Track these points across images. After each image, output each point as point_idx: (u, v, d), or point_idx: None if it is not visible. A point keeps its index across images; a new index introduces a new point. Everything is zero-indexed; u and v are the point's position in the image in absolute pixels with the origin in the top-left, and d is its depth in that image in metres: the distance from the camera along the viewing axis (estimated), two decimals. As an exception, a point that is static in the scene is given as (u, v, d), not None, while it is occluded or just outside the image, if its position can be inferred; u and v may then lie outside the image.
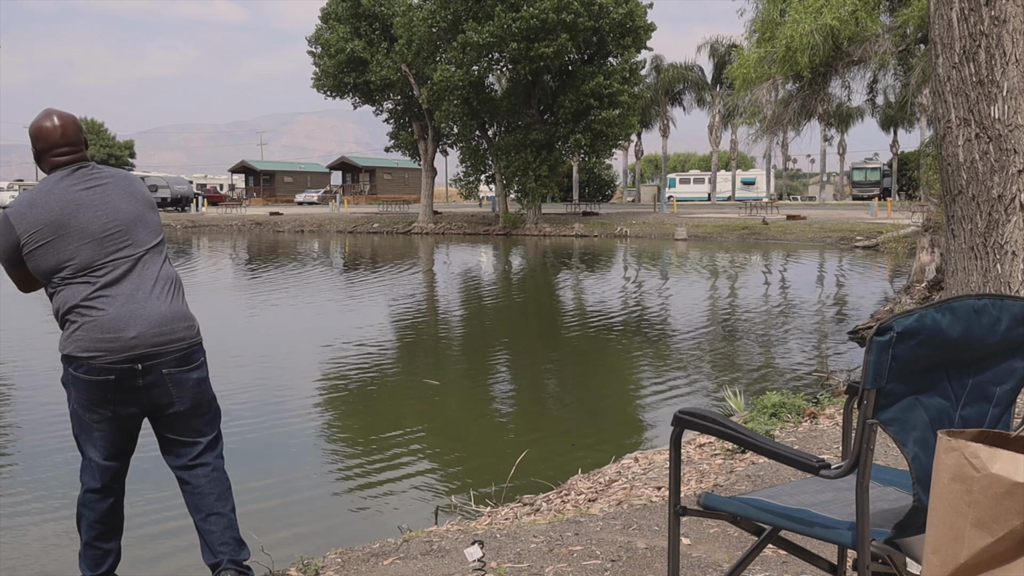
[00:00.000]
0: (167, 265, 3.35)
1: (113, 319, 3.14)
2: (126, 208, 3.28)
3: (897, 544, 2.19)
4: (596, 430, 8.87)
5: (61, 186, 3.23)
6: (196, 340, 3.32)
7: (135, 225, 3.28)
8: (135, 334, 3.15)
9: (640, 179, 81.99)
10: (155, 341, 3.18)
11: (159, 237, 3.37)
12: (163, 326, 3.20)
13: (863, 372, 2.11)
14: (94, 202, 3.23)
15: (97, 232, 3.20)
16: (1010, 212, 6.93)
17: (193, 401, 3.32)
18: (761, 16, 19.24)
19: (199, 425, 3.39)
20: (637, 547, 3.90)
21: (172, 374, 3.23)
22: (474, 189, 52.88)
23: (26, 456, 7.90)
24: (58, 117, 3.30)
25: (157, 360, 3.19)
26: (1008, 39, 6.84)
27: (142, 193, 3.39)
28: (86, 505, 3.40)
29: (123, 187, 3.33)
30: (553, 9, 38.40)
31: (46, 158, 3.28)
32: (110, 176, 3.32)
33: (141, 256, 3.26)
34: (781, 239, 37.34)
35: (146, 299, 3.20)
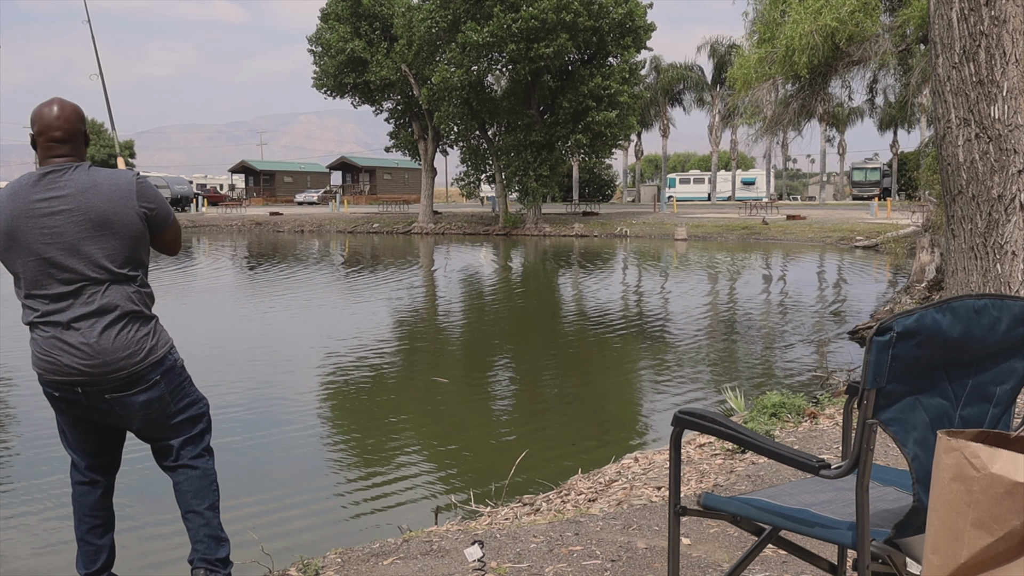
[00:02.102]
0: (119, 295, 3.11)
1: (51, 345, 3.10)
2: (72, 232, 3.05)
3: (897, 544, 2.19)
4: (596, 430, 8.87)
5: (23, 191, 3.11)
6: (140, 365, 3.14)
7: (80, 251, 3.06)
8: (68, 363, 3.08)
9: (640, 179, 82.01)
10: (90, 373, 3.08)
11: (116, 265, 3.11)
12: (97, 358, 3.07)
13: (863, 372, 2.11)
14: (43, 219, 3.06)
15: (40, 252, 3.07)
16: (1010, 212, 6.93)
17: (144, 421, 3.25)
18: (762, 16, 19.24)
19: (166, 434, 3.35)
20: (637, 547, 3.90)
21: (116, 398, 3.15)
22: (474, 189, 52.89)
23: (25, 457, 7.90)
24: (59, 105, 3.19)
25: (96, 387, 3.11)
26: (1008, 39, 6.84)
27: (113, 213, 3.10)
28: (75, 499, 3.41)
29: (86, 205, 3.07)
30: (553, 9, 38.40)
31: (39, 143, 3.17)
32: (81, 188, 3.08)
33: (83, 286, 3.09)
34: (781, 239, 37.34)
35: (83, 331, 3.07)
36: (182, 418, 3.35)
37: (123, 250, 3.12)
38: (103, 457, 3.41)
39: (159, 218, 3.25)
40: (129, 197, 3.14)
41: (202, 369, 11.53)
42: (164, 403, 3.24)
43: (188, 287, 23.21)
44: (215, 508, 3.41)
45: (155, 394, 3.20)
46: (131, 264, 3.16)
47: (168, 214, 3.31)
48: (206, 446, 3.46)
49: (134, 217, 3.14)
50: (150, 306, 3.25)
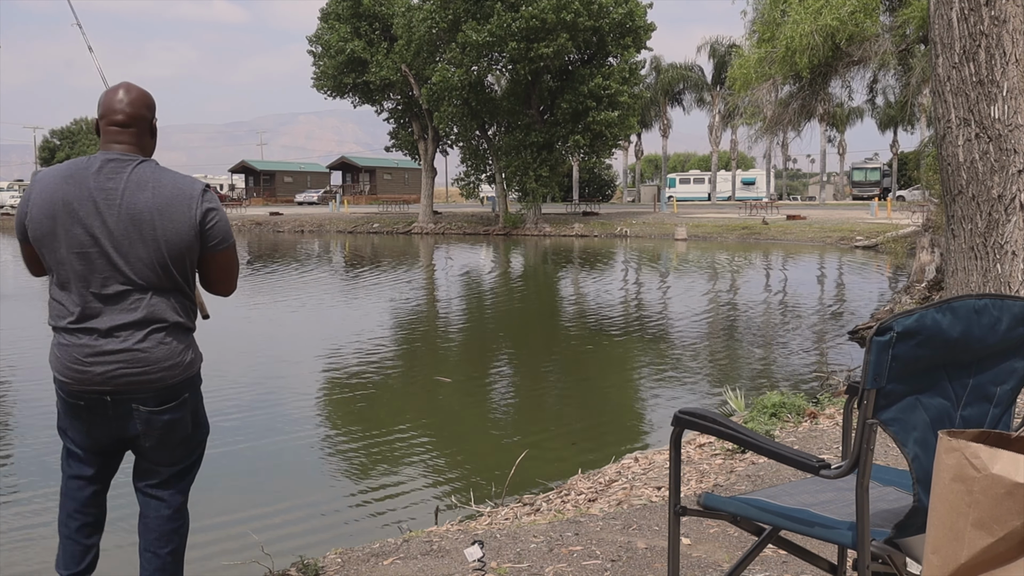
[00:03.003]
0: (163, 304, 2.90)
1: (84, 354, 2.87)
2: (123, 230, 2.82)
3: (897, 544, 2.19)
4: (596, 430, 8.87)
5: (82, 175, 2.86)
6: (174, 382, 2.94)
7: (128, 252, 2.83)
8: (102, 371, 2.86)
9: (640, 179, 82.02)
10: (124, 381, 2.87)
11: (163, 273, 2.88)
12: (137, 365, 2.86)
13: (863, 372, 2.11)
14: (89, 210, 2.82)
15: (85, 247, 2.83)
16: (1010, 212, 6.93)
17: (159, 440, 3.01)
18: (762, 16, 19.25)
19: (165, 458, 3.08)
20: (637, 547, 3.89)
21: (142, 412, 2.94)
22: (474, 189, 52.91)
23: (25, 458, 7.91)
24: (126, 88, 2.95)
25: (127, 396, 2.90)
26: (1008, 39, 6.84)
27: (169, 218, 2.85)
28: (65, 493, 3.14)
29: (143, 204, 2.83)
30: (553, 9, 38.39)
31: (101, 127, 2.94)
32: (140, 185, 2.85)
33: (127, 291, 2.86)
34: (781, 239, 37.34)
35: (124, 339, 2.85)
36: (185, 450, 3.10)
37: (172, 258, 2.87)
38: (106, 457, 3.16)
39: (214, 235, 2.95)
40: (188, 205, 2.87)
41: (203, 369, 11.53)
42: (185, 424, 3.03)
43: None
44: (177, 555, 3.10)
45: (178, 415, 2.99)
46: (181, 272, 2.91)
47: (226, 236, 2.99)
48: (190, 480, 3.18)
49: (188, 226, 2.88)
50: (192, 317, 3.03)
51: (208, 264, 3.00)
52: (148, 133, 2.97)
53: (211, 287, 3.10)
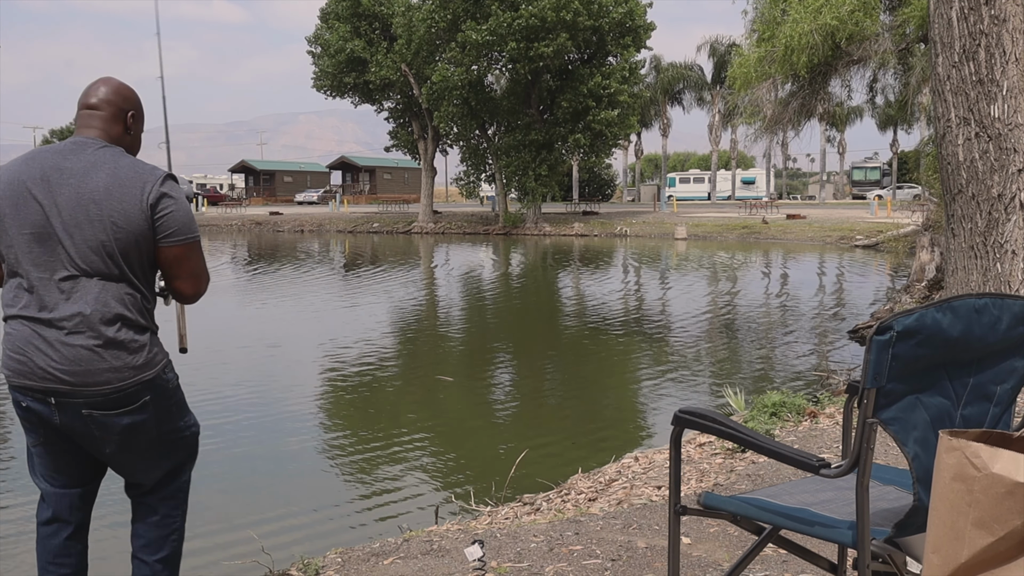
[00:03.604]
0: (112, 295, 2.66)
1: (25, 342, 2.65)
2: (72, 211, 2.63)
3: (897, 543, 2.19)
4: (596, 429, 8.87)
5: (42, 156, 2.73)
6: (123, 385, 2.65)
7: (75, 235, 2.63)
8: (43, 365, 2.62)
9: (640, 178, 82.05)
10: (67, 381, 2.61)
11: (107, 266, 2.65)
12: (78, 365, 2.61)
13: (863, 371, 2.11)
14: (41, 189, 2.66)
15: (34, 227, 2.65)
16: (1010, 211, 6.93)
17: (120, 446, 2.74)
18: (762, 16, 19.24)
19: (136, 464, 2.84)
20: (637, 546, 3.89)
21: (95, 416, 2.66)
22: (474, 188, 52.90)
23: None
24: (105, 80, 2.85)
25: (72, 399, 2.64)
26: (1008, 38, 6.84)
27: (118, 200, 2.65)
28: (38, 542, 2.89)
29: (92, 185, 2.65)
30: (552, 8, 38.39)
31: (77, 116, 2.83)
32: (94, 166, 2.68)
33: (73, 276, 2.64)
34: (781, 238, 37.34)
35: (67, 331, 2.62)
36: (163, 449, 2.85)
37: (120, 245, 2.64)
38: (75, 488, 2.89)
39: (167, 225, 2.71)
40: (141, 188, 2.67)
41: (202, 369, 11.53)
42: (148, 428, 2.75)
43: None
44: (169, 563, 2.91)
45: (140, 417, 2.71)
46: (130, 263, 2.68)
47: (181, 228, 2.75)
48: (180, 485, 2.95)
49: (138, 211, 2.66)
50: (147, 315, 2.76)
51: (162, 258, 2.76)
52: (120, 122, 2.82)
53: (169, 285, 2.85)
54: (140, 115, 2.89)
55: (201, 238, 2.90)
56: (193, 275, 2.84)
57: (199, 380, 10.74)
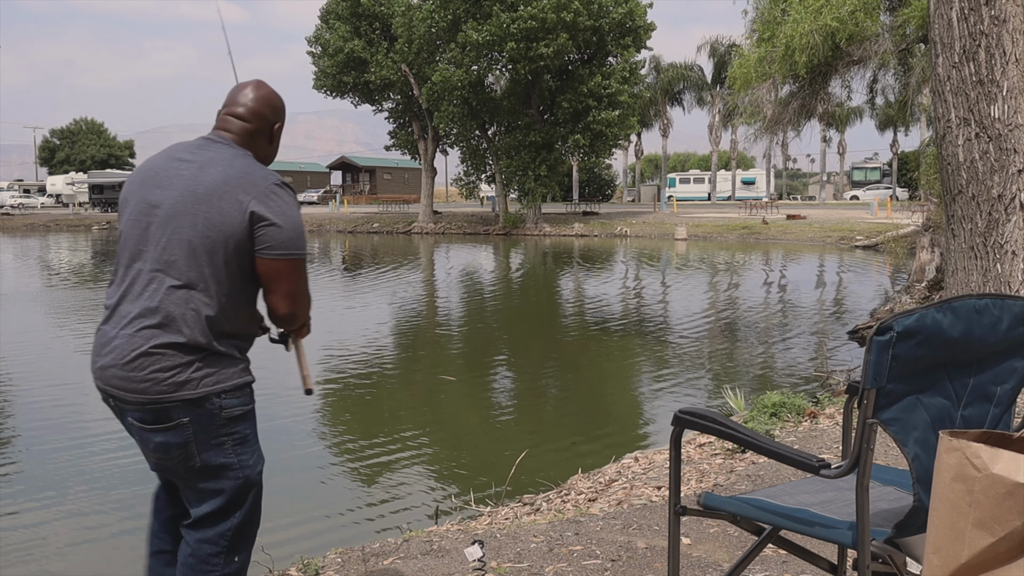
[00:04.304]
0: (181, 302, 2.48)
1: (99, 339, 2.58)
2: (174, 207, 2.51)
3: (897, 544, 2.18)
4: (596, 430, 8.87)
5: (172, 148, 2.68)
6: (162, 398, 2.47)
7: (168, 228, 2.50)
8: (101, 365, 2.54)
9: (640, 179, 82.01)
10: (115, 383, 2.51)
11: (197, 266, 2.49)
12: (126, 369, 2.48)
13: (863, 372, 2.11)
14: (160, 179, 2.58)
15: (140, 213, 2.57)
16: (1010, 212, 6.93)
17: (158, 464, 2.63)
18: (762, 16, 19.24)
19: (187, 491, 2.68)
20: (637, 547, 3.89)
21: (135, 426, 2.56)
22: (474, 189, 52.90)
23: (30, 458, 7.91)
24: (254, 85, 2.74)
25: (122, 404, 2.54)
26: (1008, 39, 6.84)
27: (218, 196, 2.49)
28: (152, 510, 2.86)
29: (198, 179, 2.53)
30: (552, 8, 38.40)
31: (219, 116, 2.73)
32: (208, 162, 2.57)
33: (157, 275, 2.50)
34: (781, 239, 37.34)
35: (124, 329, 2.51)
36: (204, 485, 2.61)
37: (212, 245, 2.48)
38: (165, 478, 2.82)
39: (270, 236, 2.52)
40: (247, 190, 2.51)
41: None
42: (186, 456, 2.54)
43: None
44: None
45: (175, 439, 2.51)
46: (216, 267, 2.50)
47: (285, 242, 2.54)
48: (224, 533, 2.65)
49: (235, 210, 2.48)
50: (217, 330, 2.52)
51: (260, 271, 2.56)
52: (263, 134, 2.72)
53: (264, 299, 2.65)
54: (282, 124, 2.80)
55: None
56: (290, 295, 2.63)
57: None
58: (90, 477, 7.24)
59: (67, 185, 79.40)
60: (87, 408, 9.53)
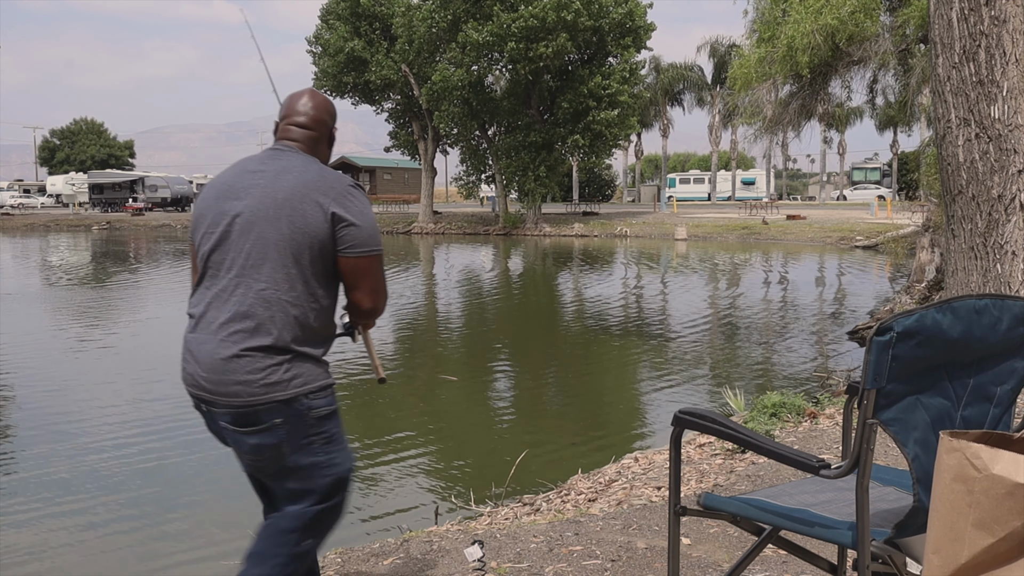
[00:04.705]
0: (267, 304, 2.55)
1: (188, 346, 2.65)
2: (255, 213, 2.59)
3: (897, 544, 2.18)
4: (596, 430, 8.87)
5: (242, 162, 2.78)
6: (260, 400, 2.52)
7: (252, 238, 2.57)
8: (192, 371, 2.61)
9: (640, 179, 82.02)
10: (208, 388, 2.57)
11: (283, 268, 2.56)
12: (218, 373, 2.54)
13: (863, 372, 2.10)
14: (236, 190, 2.66)
15: (218, 226, 2.64)
16: (1010, 212, 6.93)
17: (252, 468, 2.72)
18: (763, 16, 19.24)
19: (279, 491, 2.73)
20: (637, 547, 3.89)
21: (228, 430, 2.61)
22: (474, 189, 52.89)
23: (29, 459, 7.91)
24: (310, 94, 2.85)
25: (214, 408, 2.60)
26: (1008, 39, 6.84)
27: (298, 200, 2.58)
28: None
29: (276, 186, 2.62)
30: (553, 8, 38.40)
31: (279, 127, 2.83)
32: (283, 169, 2.66)
33: (237, 280, 2.58)
34: (781, 239, 37.34)
35: (213, 335, 2.57)
36: (296, 484, 2.66)
37: (298, 247, 2.57)
38: (258, 481, 2.85)
39: (352, 236, 2.62)
40: (326, 193, 2.61)
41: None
42: (279, 455, 2.60)
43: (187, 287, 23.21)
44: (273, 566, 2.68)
45: (269, 440, 2.57)
46: (302, 268, 2.58)
47: (366, 239, 2.65)
48: (306, 514, 2.68)
49: (317, 213, 2.58)
50: (303, 331, 2.59)
51: (343, 269, 2.67)
52: (324, 139, 2.84)
53: (348, 297, 2.76)
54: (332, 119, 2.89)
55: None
56: (373, 290, 2.73)
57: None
58: (89, 478, 7.25)
59: (67, 185, 79.46)
60: (87, 409, 9.54)
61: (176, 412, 9.18)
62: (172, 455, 7.84)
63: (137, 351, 13.61)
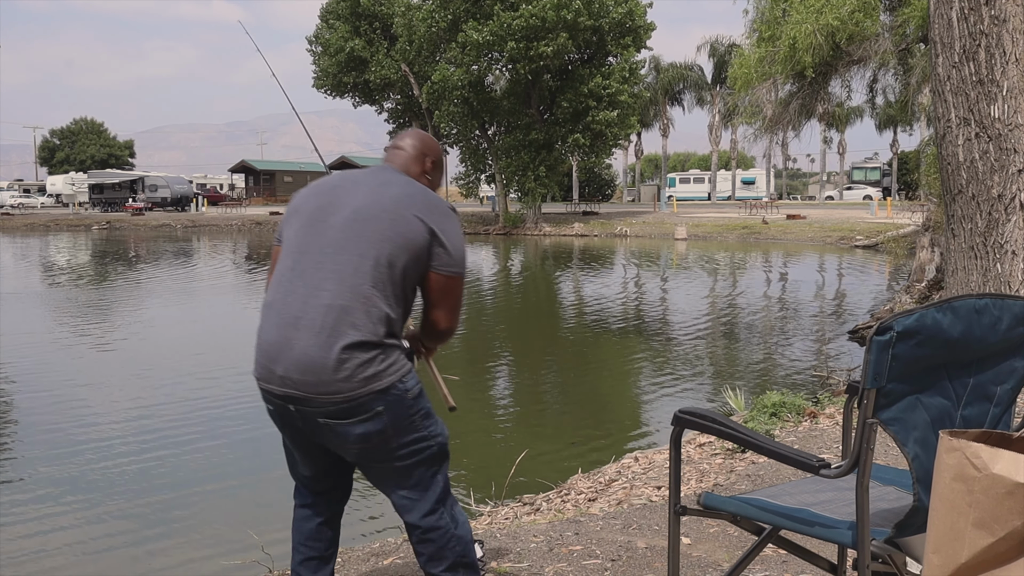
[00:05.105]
0: (361, 297, 2.62)
1: (270, 345, 2.66)
2: (357, 212, 2.69)
3: (897, 544, 2.18)
4: (596, 429, 8.87)
5: (344, 171, 2.94)
6: (362, 392, 2.58)
7: (351, 235, 2.66)
8: (282, 372, 2.62)
9: (640, 179, 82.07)
10: (302, 388, 2.60)
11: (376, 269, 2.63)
12: (309, 374, 2.57)
13: (863, 372, 2.10)
14: (338, 190, 2.79)
15: (316, 217, 2.74)
16: (1010, 211, 6.93)
17: (359, 456, 2.76)
18: (763, 16, 19.24)
19: (388, 477, 2.82)
20: (637, 547, 3.89)
21: (330, 424, 2.65)
22: (474, 188, 52.90)
23: (28, 462, 7.91)
24: (415, 133, 3.04)
25: (309, 408, 2.63)
26: (1008, 38, 6.84)
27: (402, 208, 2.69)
28: (293, 524, 3.00)
29: (377, 192, 2.74)
30: (553, 8, 38.40)
31: (386, 150, 3.03)
32: (384, 182, 2.80)
33: (331, 275, 2.64)
34: (781, 239, 37.34)
35: (302, 331, 2.60)
36: (407, 459, 2.76)
37: (394, 252, 2.65)
38: (325, 480, 2.96)
39: (445, 254, 2.75)
40: (430, 210, 2.73)
41: (205, 368, 11.54)
42: (386, 437, 2.68)
43: (190, 287, 23.20)
44: (459, 568, 2.86)
45: (376, 426, 2.64)
46: (394, 274, 2.66)
47: (458, 260, 2.79)
48: (439, 495, 2.87)
49: (418, 226, 2.68)
50: (391, 326, 2.68)
51: (430, 285, 2.79)
52: (419, 163, 2.96)
53: (427, 314, 2.89)
54: (439, 163, 3.01)
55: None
56: (453, 309, 2.89)
57: (199, 378, 10.76)
58: (90, 479, 7.24)
59: (67, 185, 79.48)
60: (86, 410, 9.54)
61: (178, 411, 9.19)
62: (174, 456, 7.83)
63: (139, 350, 13.61)
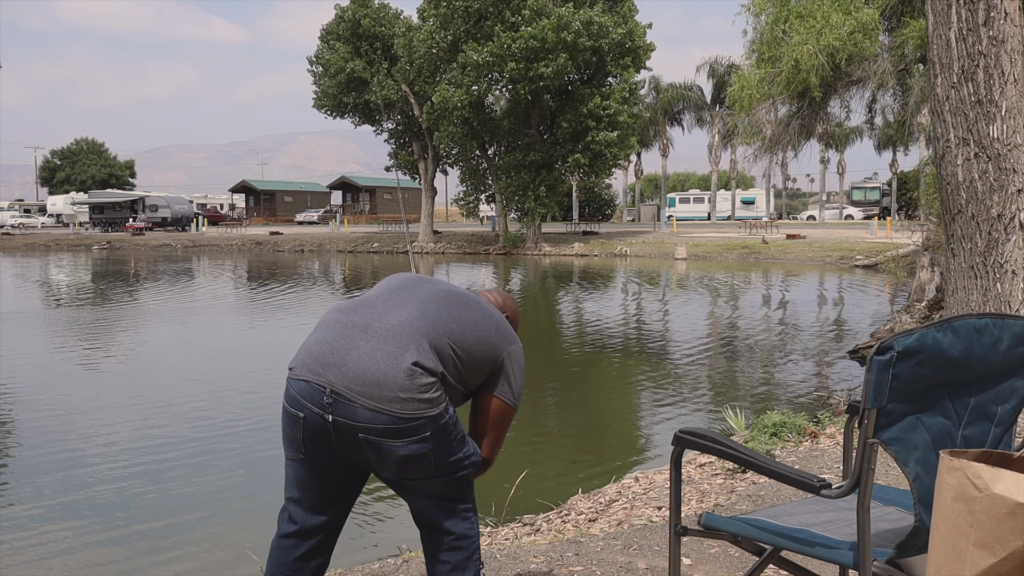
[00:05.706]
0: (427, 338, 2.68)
1: (326, 344, 2.69)
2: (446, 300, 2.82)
3: (899, 564, 2.18)
4: (596, 450, 8.85)
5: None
6: (415, 415, 2.60)
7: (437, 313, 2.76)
8: (332, 379, 2.61)
9: (640, 198, 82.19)
10: (349, 401, 2.60)
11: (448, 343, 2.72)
12: (363, 387, 2.58)
13: (864, 391, 2.10)
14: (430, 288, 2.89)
15: (403, 289, 2.88)
16: (1010, 231, 6.94)
17: (396, 474, 2.76)
18: (763, 36, 19.32)
19: (421, 497, 2.89)
20: (638, 567, 3.88)
21: (372, 441, 2.62)
22: (474, 208, 53.00)
23: (27, 472, 7.88)
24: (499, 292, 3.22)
25: (352, 422, 2.60)
26: (1006, 59, 6.86)
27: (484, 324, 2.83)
28: (271, 551, 2.96)
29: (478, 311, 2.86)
30: (553, 29, 38.58)
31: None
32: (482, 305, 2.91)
33: (402, 298, 2.79)
34: (781, 258, 37.36)
35: (371, 335, 2.66)
36: (443, 477, 2.81)
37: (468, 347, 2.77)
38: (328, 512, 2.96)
39: (507, 384, 2.91)
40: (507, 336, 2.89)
41: (207, 382, 11.52)
42: (427, 460, 2.69)
43: (191, 307, 23.20)
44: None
45: (420, 450, 2.66)
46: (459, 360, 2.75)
47: (517, 394, 2.96)
48: (471, 505, 2.95)
49: (497, 348, 2.85)
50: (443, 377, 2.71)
51: (484, 406, 2.92)
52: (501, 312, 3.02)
53: (472, 430, 2.96)
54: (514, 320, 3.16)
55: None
56: (497, 440, 3.01)
57: (202, 392, 10.74)
58: (89, 480, 7.22)
59: (68, 205, 79.63)
60: (86, 417, 9.52)
61: (177, 428, 9.17)
62: (173, 473, 7.81)
63: (137, 370, 13.60)
